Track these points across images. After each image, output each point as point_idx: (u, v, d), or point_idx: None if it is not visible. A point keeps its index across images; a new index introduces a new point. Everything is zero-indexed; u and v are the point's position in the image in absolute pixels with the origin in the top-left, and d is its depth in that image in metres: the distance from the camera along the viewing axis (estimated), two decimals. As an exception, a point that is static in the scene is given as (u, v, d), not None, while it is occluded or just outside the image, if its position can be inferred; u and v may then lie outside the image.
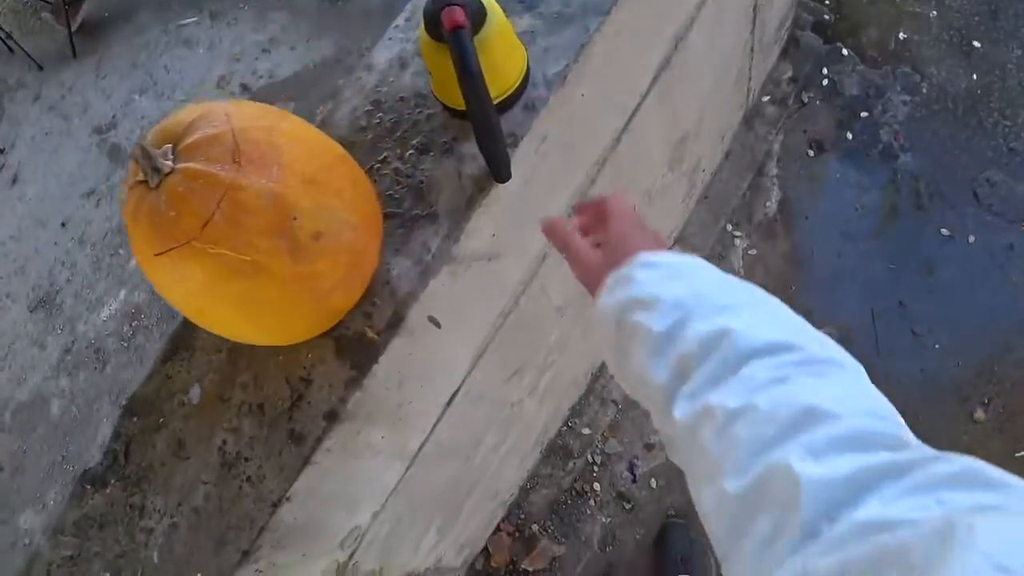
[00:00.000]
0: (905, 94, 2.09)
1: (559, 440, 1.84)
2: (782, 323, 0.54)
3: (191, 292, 0.71)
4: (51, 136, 2.90)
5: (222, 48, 2.82)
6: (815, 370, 0.48)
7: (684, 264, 0.61)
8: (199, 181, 0.66)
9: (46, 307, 2.62)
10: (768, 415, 0.45)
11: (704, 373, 0.51)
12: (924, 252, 1.87)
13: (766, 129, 2.01)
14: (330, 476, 0.92)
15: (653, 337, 0.56)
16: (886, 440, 0.41)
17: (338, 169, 0.76)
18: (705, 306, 0.55)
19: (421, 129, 0.98)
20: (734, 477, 0.45)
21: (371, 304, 0.89)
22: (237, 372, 0.94)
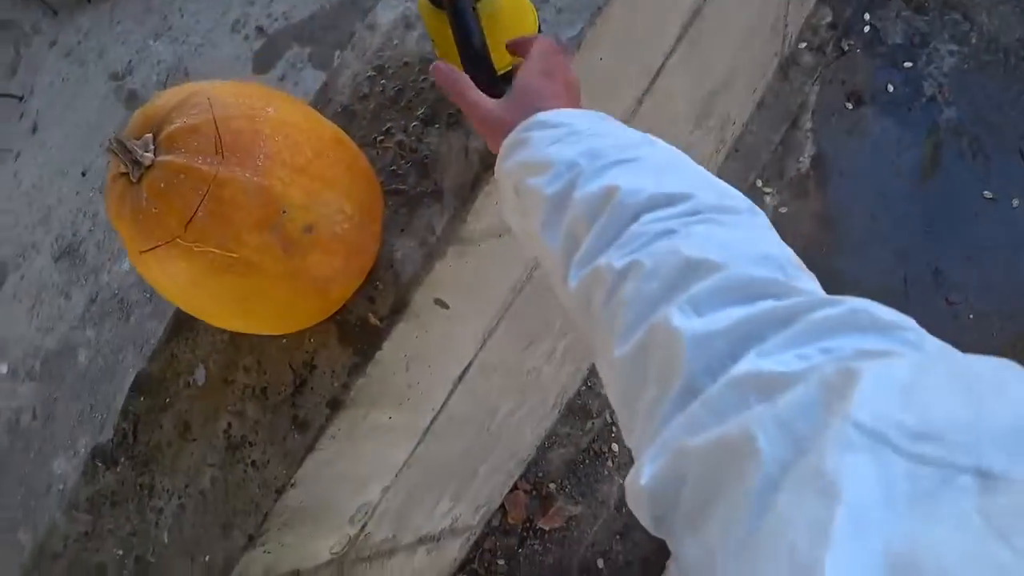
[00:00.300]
0: (952, 43, 1.95)
1: (578, 400, 1.82)
2: (674, 174, 0.50)
3: (181, 289, 0.68)
4: (68, 83, 2.87)
5: (234, -12, 2.73)
6: (705, 218, 0.45)
7: (583, 123, 0.57)
8: (181, 176, 0.62)
9: (70, 257, 2.63)
10: (652, 271, 0.43)
11: (592, 236, 0.48)
12: (964, 216, 1.77)
13: (802, 79, 1.90)
14: (337, 459, 0.91)
15: (545, 202, 0.53)
16: (772, 288, 0.39)
17: (331, 154, 0.72)
18: (597, 166, 0.52)
19: (426, 98, 0.93)
20: (621, 342, 0.43)
21: (374, 288, 0.86)
22: (240, 355, 0.92)
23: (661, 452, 0.36)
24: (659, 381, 0.39)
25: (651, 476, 0.36)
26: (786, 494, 0.28)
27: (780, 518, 0.28)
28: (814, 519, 0.26)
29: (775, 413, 0.31)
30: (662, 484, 0.36)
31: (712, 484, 0.33)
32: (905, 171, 1.83)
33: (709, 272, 0.40)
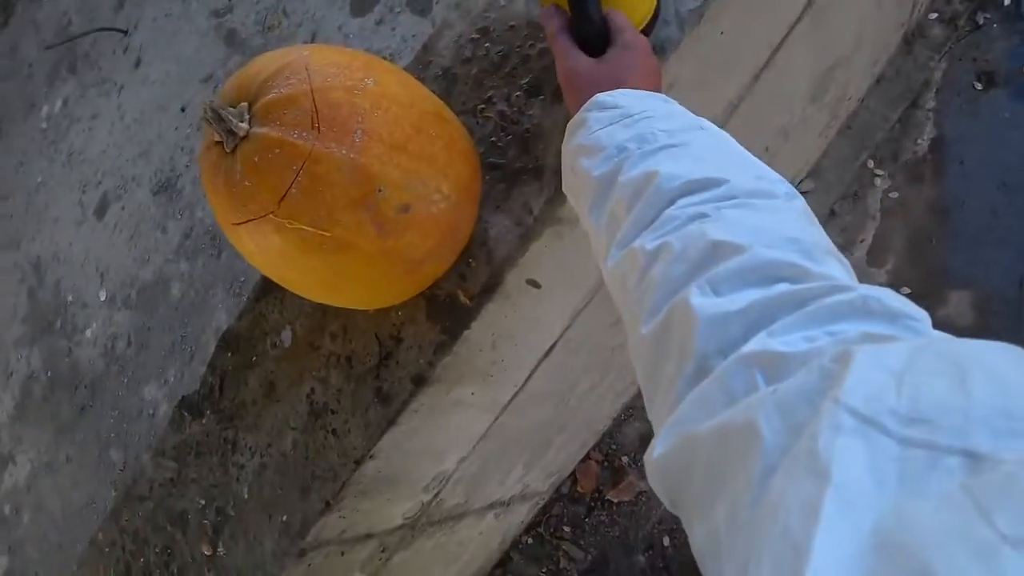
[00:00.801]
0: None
1: (658, 374, 1.77)
2: (715, 159, 0.50)
3: (272, 264, 0.67)
4: (171, 18, 2.91)
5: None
6: (738, 203, 0.45)
7: (639, 106, 0.57)
8: (276, 150, 0.60)
9: (167, 191, 2.71)
10: (680, 254, 0.44)
11: (631, 219, 0.49)
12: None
13: (928, 54, 1.73)
14: (416, 433, 0.90)
15: (593, 184, 0.55)
16: (790, 271, 0.39)
17: (431, 130, 0.68)
18: (644, 149, 0.52)
19: (532, 67, 0.88)
20: (647, 320, 0.44)
21: (466, 265, 0.83)
22: (327, 320, 0.91)
23: (672, 431, 0.38)
24: (677, 359, 0.40)
25: (661, 454, 0.38)
26: (781, 476, 0.29)
27: (774, 499, 0.29)
28: (805, 499, 0.27)
29: (776, 399, 0.32)
30: (672, 466, 0.38)
31: (718, 471, 0.34)
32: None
33: (731, 254, 0.41)
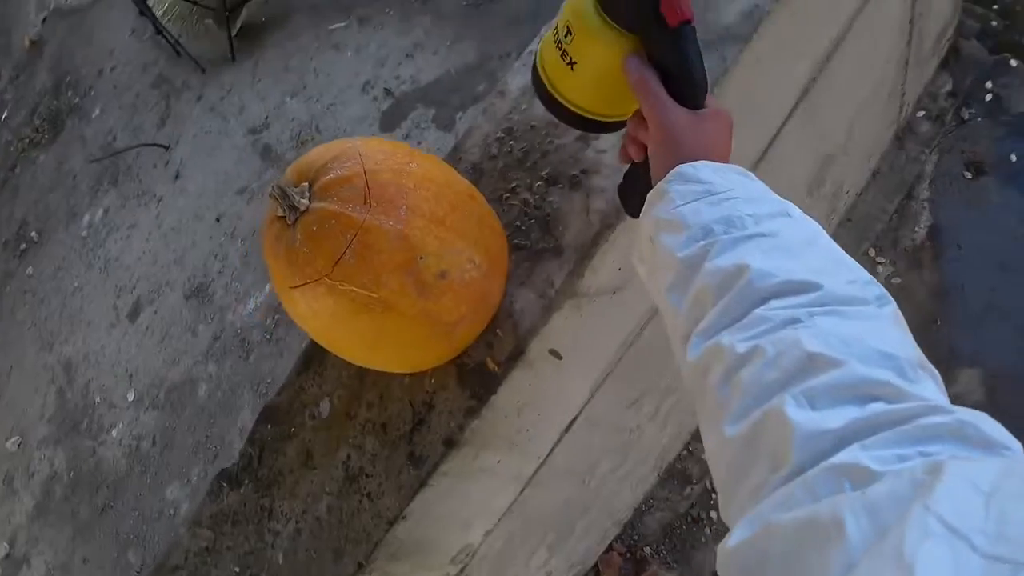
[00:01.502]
0: (1085, 111, 1.88)
1: (678, 464, 1.80)
2: (810, 257, 0.50)
3: (323, 324, 0.74)
4: (211, 135, 3.13)
5: (368, 52, 2.93)
6: (831, 310, 0.45)
7: (723, 183, 0.57)
8: (332, 221, 0.69)
9: (199, 296, 2.83)
10: (773, 360, 0.44)
11: (718, 311, 0.49)
12: (1100, 291, 1.68)
13: (919, 148, 1.86)
14: (445, 497, 0.94)
15: (676, 264, 0.55)
16: (886, 390, 0.40)
17: (465, 208, 0.78)
18: (732, 235, 0.52)
19: (551, 160, 0.98)
20: (734, 422, 0.44)
21: (494, 335, 0.90)
22: (364, 390, 0.98)
23: (752, 523, 0.38)
24: (767, 465, 0.41)
25: (739, 542, 0.38)
26: (862, 572, 0.30)
27: None
28: None
29: (865, 500, 0.33)
30: (748, 556, 0.38)
31: (796, 563, 0.34)
32: (1032, 244, 1.75)
33: (827, 368, 0.41)
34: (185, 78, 3.37)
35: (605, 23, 0.64)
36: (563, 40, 0.67)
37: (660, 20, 0.60)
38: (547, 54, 0.71)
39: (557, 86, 0.71)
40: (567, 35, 0.67)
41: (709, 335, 0.49)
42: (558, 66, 0.69)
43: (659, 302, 0.60)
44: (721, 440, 0.45)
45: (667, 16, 0.60)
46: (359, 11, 3.11)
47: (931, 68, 1.92)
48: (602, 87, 0.69)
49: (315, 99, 2.97)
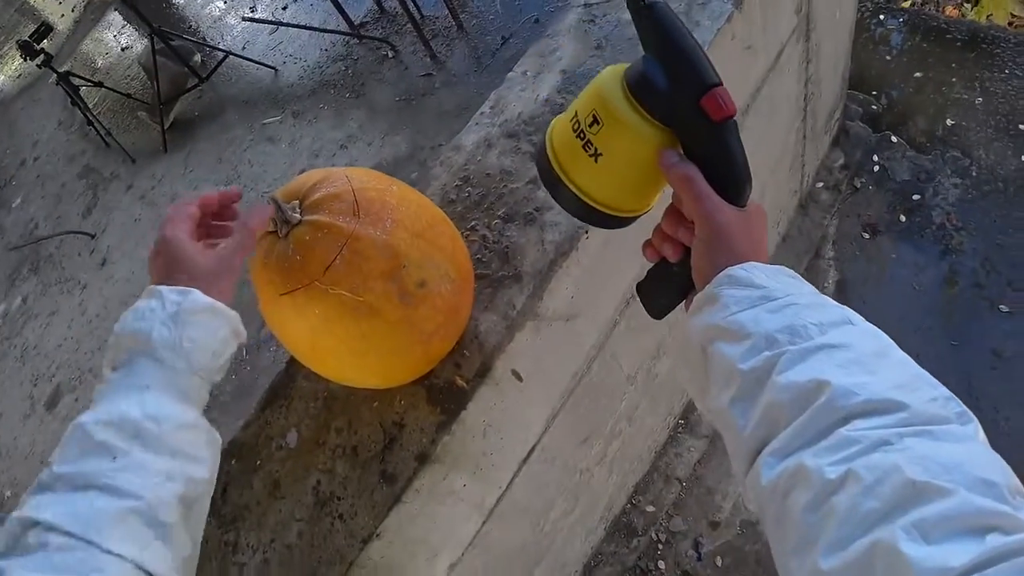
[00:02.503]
0: (955, 177, 2.14)
1: (623, 517, 1.84)
2: (887, 372, 0.48)
3: (309, 330, 0.79)
4: (140, 223, 3.13)
5: (303, 144, 3.03)
6: (922, 432, 0.44)
7: (777, 285, 0.56)
8: (324, 231, 0.75)
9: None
10: (870, 487, 0.42)
11: (796, 430, 0.47)
12: (984, 329, 1.88)
13: (821, 214, 2.08)
14: (416, 519, 0.97)
15: (740, 376, 0.52)
16: (999, 520, 0.39)
17: (440, 228, 0.86)
18: (800, 347, 0.50)
19: (506, 201, 1.08)
20: (830, 553, 0.42)
21: (461, 355, 0.97)
22: (332, 417, 1.01)
23: None
24: None
25: None
26: None
27: None
28: None
29: None
30: None
31: None
32: (925, 291, 1.96)
33: (934, 497, 0.40)
34: (114, 168, 3.38)
35: (639, 114, 0.60)
36: (587, 129, 0.62)
37: (702, 114, 0.58)
38: (563, 143, 0.65)
39: (573, 177, 0.65)
40: (593, 124, 0.62)
41: (784, 454, 0.47)
42: (578, 156, 0.63)
43: (715, 414, 0.57)
44: (815, 572, 0.42)
45: (710, 110, 0.57)
46: (293, 106, 3.23)
47: (825, 144, 2.16)
48: (627, 182, 0.64)
49: (249, 188, 3.03)
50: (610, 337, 1.25)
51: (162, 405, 0.61)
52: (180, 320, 0.64)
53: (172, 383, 0.63)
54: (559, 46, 1.26)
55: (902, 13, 2.59)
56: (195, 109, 3.43)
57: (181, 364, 0.64)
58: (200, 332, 0.65)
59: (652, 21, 0.59)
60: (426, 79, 3.01)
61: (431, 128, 2.88)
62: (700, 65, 0.58)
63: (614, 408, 1.45)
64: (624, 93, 0.61)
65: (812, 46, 1.68)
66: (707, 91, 0.57)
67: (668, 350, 1.58)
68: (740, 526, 1.79)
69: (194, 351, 0.64)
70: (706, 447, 1.90)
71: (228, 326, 0.68)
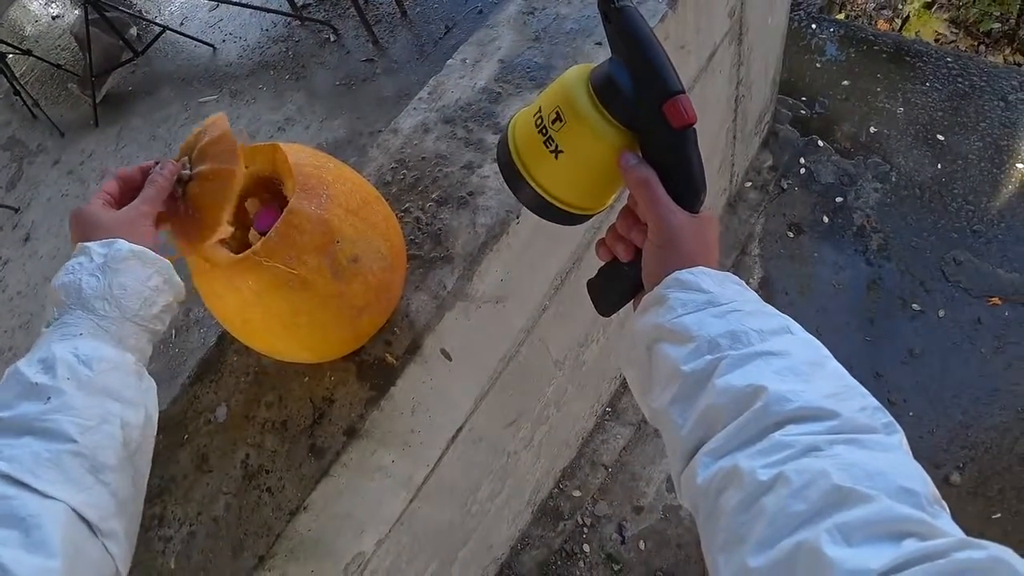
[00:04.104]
0: (876, 182, 2.26)
1: (550, 502, 1.89)
2: (822, 381, 0.50)
3: (241, 302, 0.80)
4: (67, 198, 3.02)
5: (238, 124, 2.98)
6: (850, 440, 0.46)
7: (723, 292, 0.57)
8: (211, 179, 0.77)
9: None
10: (798, 490, 0.44)
11: (732, 432, 0.49)
12: (897, 326, 2.00)
13: (748, 212, 2.16)
14: (343, 494, 0.99)
15: (681, 377, 0.54)
16: (917, 527, 0.41)
17: (374, 205, 0.87)
18: (740, 352, 0.52)
19: (440, 185, 1.10)
20: (758, 552, 0.44)
21: (391, 333, 0.99)
22: (263, 392, 1.02)
23: None
24: None
25: None
26: None
27: None
28: None
29: None
30: None
31: None
32: (843, 289, 2.07)
33: (857, 503, 0.42)
34: (41, 141, 3.26)
35: (602, 116, 0.61)
36: (549, 126, 0.63)
37: (663, 120, 0.58)
38: (524, 137, 0.66)
39: (532, 172, 0.65)
40: (556, 121, 0.62)
41: (719, 455, 0.49)
42: (538, 152, 0.64)
43: (654, 412, 0.59)
44: (742, 569, 0.44)
45: (671, 118, 0.58)
46: (231, 86, 3.17)
47: (755, 145, 2.25)
48: (585, 180, 0.65)
49: (184, 165, 2.95)
50: (538, 322, 1.29)
51: (95, 348, 0.63)
52: (108, 268, 0.66)
53: (105, 330, 0.65)
54: (498, 36, 1.29)
55: (835, 24, 2.71)
56: (129, 84, 3.33)
57: (113, 311, 0.65)
58: (129, 279, 0.67)
59: (621, 24, 0.59)
60: (367, 64, 3.00)
61: (371, 114, 2.87)
62: (665, 72, 0.58)
63: (542, 392, 1.49)
64: (588, 93, 0.62)
65: (744, 50, 1.75)
66: (670, 98, 0.58)
67: (596, 338, 1.63)
68: (663, 511, 1.86)
69: (124, 297, 0.66)
70: (632, 434, 1.97)
71: (158, 274, 0.70)
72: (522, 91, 1.18)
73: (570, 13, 1.29)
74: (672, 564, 1.79)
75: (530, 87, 1.18)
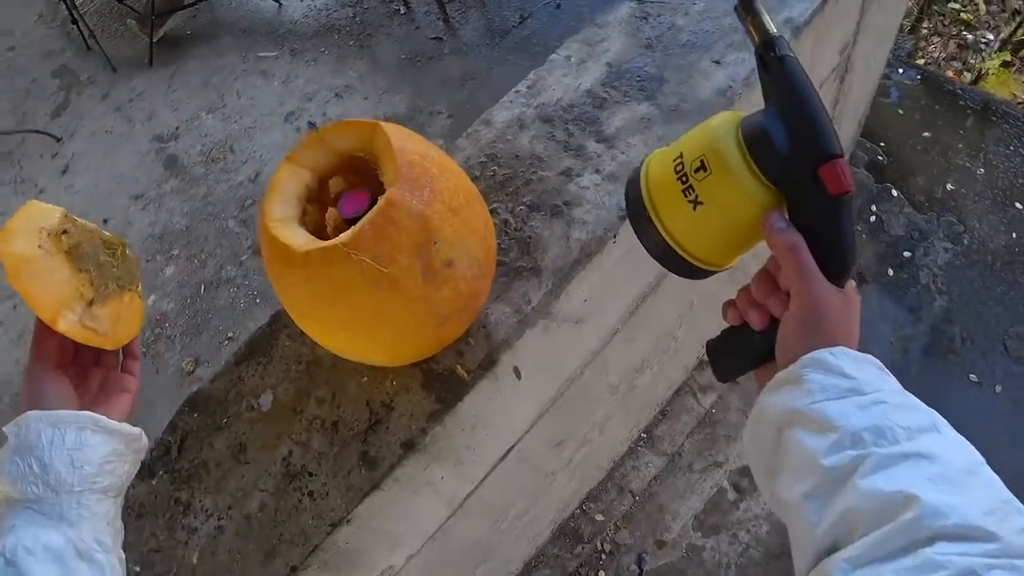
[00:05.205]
0: (947, 241, 2.15)
1: (571, 522, 1.81)
2: (977, 493, 0.46)
3: (319, 295, 0.72)
4: (111, 135, 2.96)
5: (296, 84, 2.91)
6: (1010, 566, 0.42)
7: (866, 378, 0.52)
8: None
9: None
10: None
11: (877, 541, 0.45)
12: (953, 394, 1.90)
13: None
14: (389, 507, 0.91)
15: (819, 471, 0.49)
16: None
17: (475, 207, 0.79)
18: (886, 451, 0.48)
19: (533, 188, 1.02)
20: None
21: (465, 344, 0.91)
22: (314, 386, 0.94)
23: None
24: None
25: None
26: None
27: None
28: None
29: None
30: None
31: None
32: (901, 347, 1.97)
33: None
34: (92, 74, 3.19)
35: (751, 171, 0.56)
36: (691, 174, 0.58)
37: (818, 184, 0.53)
38: (660, 181, 0.61)
39: (665, 219, 0.61)
40: (700, 170, 0.58)
41: (861, 564, 0.45)
42: (675, 199, 0.59)
43: (780, 501, 0.54)
44: None
45: (828, 182, 0.53)
46: (293, 44, 3.10)
47: (829, 186, 2.15)
48: (722, 236, 0.60)
49: (233, 119, 2.89)
50: (608, 345, 1.20)
51: (32, 537, 0.58)
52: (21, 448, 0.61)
53: (42, 513, 0.60)
54: (607, 37, 1.20)
55: (921, 72, 2.59)
56: (188, 28, 3.26)
57: (42, 491, 0.60)
58: (43, 452, 0.61)
59: (782, 76, 0.55)
60: (435, 43, 2.91)
61: (432, 93, 2.79)
62: (824, 132, 0.53)
63: (591, 415, 1.41)
64: (739, 145, 0.56)
65: (845, 87, 1.66)
66: (828, 160, 0.53)
67: (652, 365, 1.54)
68: (686, 549, 1.78)
69: (46, 472, 0.60)
70: (664, 464, 1.88)
71: (76, 430, 0.63)
72: (630, 100, 1.09)
73: (686, 25, 1.20)
74: (687, 608, 1.71)
75: (640, 97, 1.10)
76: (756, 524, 1.79)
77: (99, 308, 0.67)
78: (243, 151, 2.78)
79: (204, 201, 2.66)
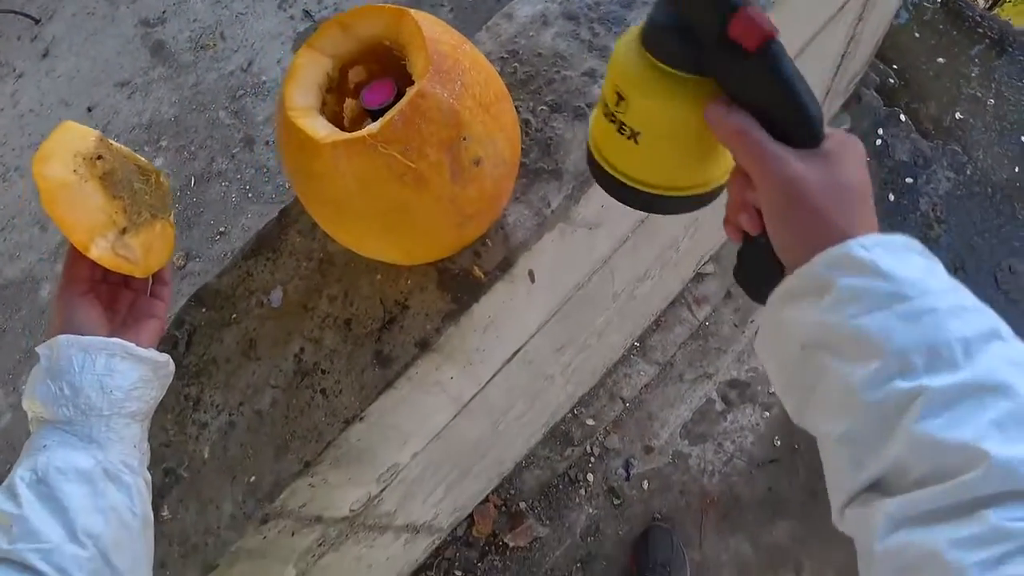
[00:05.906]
0: (950, 171, 2.14)
1: (562, 426, 1.85)
2: None
3: (343, 188, 0.69)
4: (94, 18, 2.82)
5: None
6: None
7: (907, 270, 0.43)
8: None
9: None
10: None
11: (931, 496, 0.38)
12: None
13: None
14: (400, 405, 0.92)
15: (859, 409, 0.41)
16: None
17: (503, 104, 0.76)
18: (944, 383, 0.39)
19: (555, 89, 0.98)
20: None
21: (483, 245, 0.89)
22: (326, 283, 0.93)
23: None
24: None
25: None
26: None
27: None
28: None
29: None
30: None
31: None
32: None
33: None
34: (71, -51, 3.01)
35: (662, 72, 0.50)
36: (615, 111, 0.53)
37: (734, 48, 0.45)
38: (600, 133, 0.58)
39: (621, 168, 0.57)
40: (619, 102, 0.52)
41: (913, 523, 0.38)
42: (617, 143, 0.55)
43: (809, 428, 0.48)
44: None
45: (743, 40, 0.44)
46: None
47: (836, 105, 2.11)
48: (681, 154, 0.54)
49: (224, 3, 2.75)
50: (617, 252, 1.19)
51: (62, 459, 0.59)
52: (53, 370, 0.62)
53: (73, 434, 0.62)
54: (636, -71, 1.14)
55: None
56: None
57: (74, 414, 0.62)
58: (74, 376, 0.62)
59: None
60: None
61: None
62: None
63: (592, 321, 1.41)
64: (641, 55, 0.50)
65: (869, 4, 1.60)
66: (731, 15, 0.44)
67: (653, 275, 1.54)
68: (672, 456, 1.83)
69: (76, 396, 0.62)
70: (656, 373, 1.91)
71: (105, 356, 0.63)
72: (658, -2, 1.04)
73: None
74: (671, 509, 1.78)
75: None
76: (742, 435, 1.84)
77: (132, 237, 0.67)
78: (234, 38, 2.66)
79: (193, 90, 2.56)
